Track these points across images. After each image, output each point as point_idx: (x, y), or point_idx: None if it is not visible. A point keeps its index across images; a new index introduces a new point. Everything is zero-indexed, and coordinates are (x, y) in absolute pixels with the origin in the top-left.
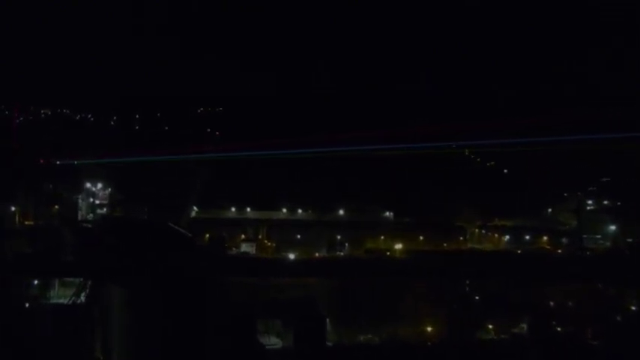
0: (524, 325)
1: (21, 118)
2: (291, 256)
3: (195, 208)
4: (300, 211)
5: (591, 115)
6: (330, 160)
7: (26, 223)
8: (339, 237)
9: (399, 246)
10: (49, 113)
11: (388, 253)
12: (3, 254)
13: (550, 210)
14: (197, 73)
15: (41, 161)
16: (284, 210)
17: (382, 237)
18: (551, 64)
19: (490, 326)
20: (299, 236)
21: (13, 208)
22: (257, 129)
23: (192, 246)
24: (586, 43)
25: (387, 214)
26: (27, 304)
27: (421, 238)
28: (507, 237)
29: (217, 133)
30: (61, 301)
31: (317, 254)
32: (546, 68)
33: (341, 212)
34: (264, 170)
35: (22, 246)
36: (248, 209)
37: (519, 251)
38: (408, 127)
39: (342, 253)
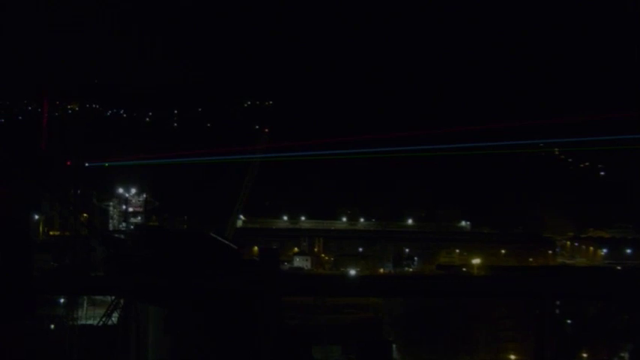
0: (626, 355)
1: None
2: (352, 272)
3: (241, 216)
4: (362, 220)
5: None
6: (397, 161)
7: (51, 233)
8: (407, 250)
9: (476, 261)
10: (77, 109)
11: (464, 269)
12: (27, 269)
13: None
14: (243, 60)
15: (68, 163)
16: (344, 219)
17: (457, 250)
18: None
19: (585, 355)
20: (361, 249)
21: (36, 217)
22: (313, 125)
23: (238, 260)
24: None
25: (463, 223)
26: (52, 326)
27: (503, 251)
28: (605, 250)
29: (266, 130)
30: (91, 322)
31: (381, 270)
32: None
33: (409, 221)
34: (321, 173)
35: (47, 260)
36: (302, 218)
37: (619, 267)
38: (486, 123)
39: (410, 269)
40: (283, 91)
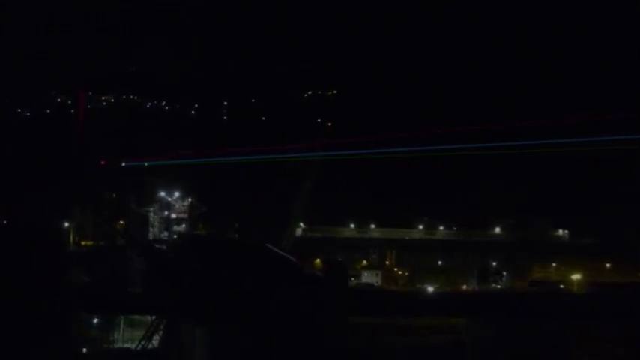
0: None
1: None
2: (430, 289)
3: (301, 223)
4: (441, 228)
5: None
6: (481, 161)
7: (83, 243)
8: (494, 263)
9: (576, 276)
10: (112, 100)
11: (562, 286)
12: (57, 284)
13: None
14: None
15: (102, 163)
16: (420, 227)
17: (553, 264)
18: None
19: None
20: (440, 262)
21: (66, 225)
22: (384, 118)
23: (298, 274)
24: None
25: (560, 232)
26: (84, 349)
27: (607, 265)
28: None
29: (329, 124)
30: (128, 345)
31: (464, 286)
32: None
33: (497, 230)
34: (394, 174)
35: (78, 274)
36: (372, 226)
37: None
38: (588, 114)
39: (498, 285)
40: (349, 78)
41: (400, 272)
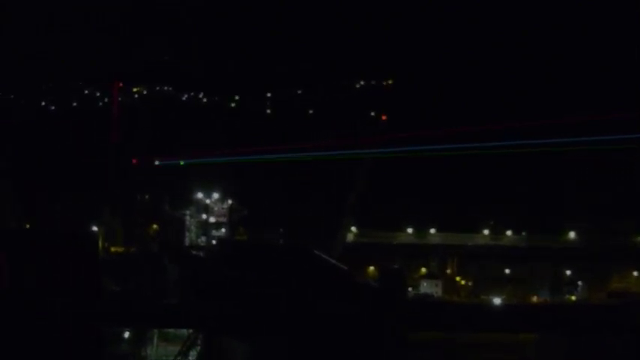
0: None
1: (105, 100)
2: (496, 301)
3: (352, 228)
4: (508, 233)
5: None
6: (556, 158)
7: (112, 249)
8: (568, 272)
9: None
10: (145, 92)
11: None
12: (92, 296)
13: None
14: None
15: (133, 161)
16: (485, 232)
17: (635, 273)
18: None
19: None
20: (507, 271)
21: (95, 229)
22: (446, 111)
23: (349, 284)
24: None
25: None
26: None
27: None
28: None
29: (384, 117)
30: None
31: (535, 298)
32: None
33: (571, 235)
34: (457, 172)
35: (107, 283)
36: (431, 231)
37: None
38: None
39: (573, 297)
40: (407, 66)
41: (463, 282)
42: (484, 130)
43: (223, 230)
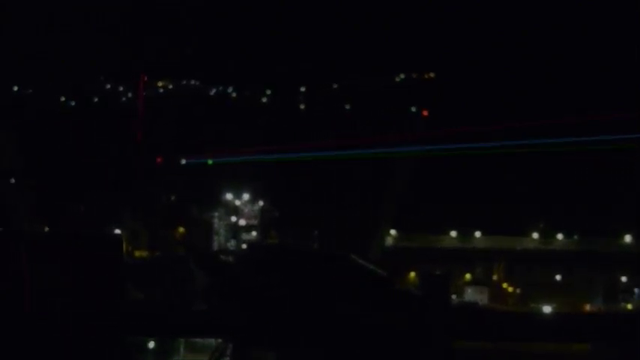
0: None
1: (129, 95)
2: (547, 309)
3: (392, 231)
4: (559, 236)
5: None
6: (610, 155)
7: (136, 254)
8: (623, 279)
9: None
10: (170, 87)
11: None
12: (116, 304)
13: None
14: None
15: (158, 160)
16: (534, 235)
17: None
18: None
19: None
20: (558, 277)
21: (117, 232)
22: (492, 106)
23: (389, 291)
24: None
25: None
26: None
27: None
28: None
29: (425, 113)
30: None
31: (587, 306)
32: None
33: (627, 238)
34: (504, 171)
35: (131, 289)
36: (477, 234)
37: None
38: None
39: (629, 305)
40: (451, 59)
41: (510, 289)
42: (534, 126)
43: (254, 233)
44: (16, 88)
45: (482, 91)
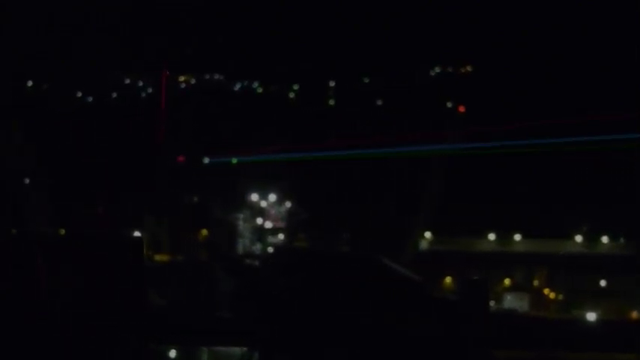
0: None
1: (149, 90)
2: (591, 317)
3: (426, 234)
4: (604, 239)
5: None
6: None
7: (157, 258)
8: None
9: None
10: (193, 82)
11: None
12: (139, 311)
13: None
14: (428, 10)
15: (180, 159)
16: (578, 238)
17: None
18: None
19: None
20: (603, 282)
21: (138, 235)
22: (528, 102)
23: (423, 297)
24: None
25: None
26: None
27: None
28: None
29: (461, 109)
30: None
31: (635, 313)
32: None
33: None
34: (546, 171)
35: (151, 295)
36: (516, 237)
37: None
38: None
39: None
40: (489, 50)
41: (552, 295)
42: (580, 122)
43: (281, 236)
44: (30, 84)
45: (524, 85)
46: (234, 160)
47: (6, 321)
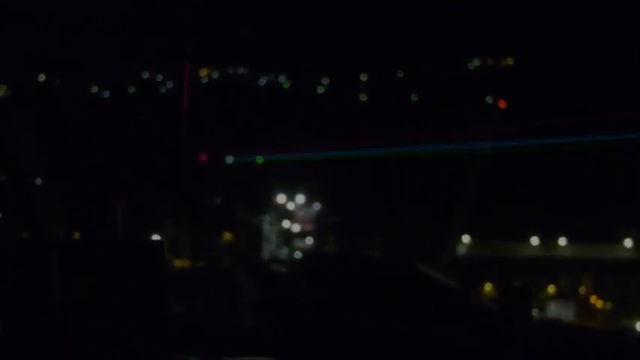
0: None
1: (169, 85)
2: None
3: (464, 237)
4: None
5: None
6: None
7: (177, 263)
8: None
9: None
10: (216, 76)
11: None
12: (163, 321)
13: None
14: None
15: (202, 158)
16: (627, 243)
17: None
18: None
19: None
20: None
21: (157, 238)
22: (573, 96)
23: (463, 306)
24: None
25: None
26: None
27: None
28: None
29: (501, 104)
30: None
31: None
32: None
33: None
34: (590, 170)
35: (171, 302)
36: (562, 241)
37: None
38: None
39: None
40: (531, 41)
41: (599, 304)
42: (629, 118)
43: (309, 240)
44: (42, 78)
45: (569, 79)
46: (260, 159)
47: (18, 330)
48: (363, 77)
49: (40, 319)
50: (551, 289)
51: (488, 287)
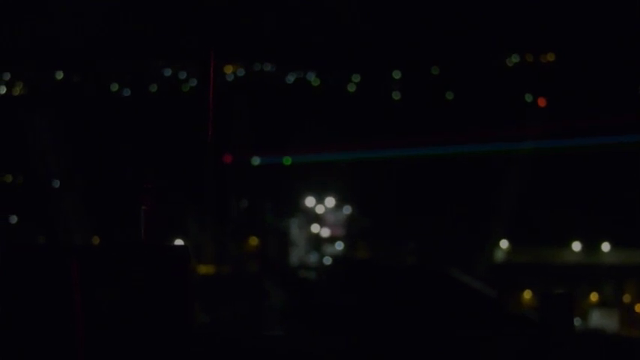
0: None
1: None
2: None
3: (502, 243)
4: None
5: None
6: None
7: (201, 269)
8: None
9: None
10: (242, 73)
11: None
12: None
13: None
14: None
15: (227, 160)
16: None
17: None
18: None
19: None
20: None
21: (180, 243)
22: (615, 95)
23: (499, 314)
24: None
25: None
26: None
27: None
28: None
29: (541, 102)
30: None
31: None
32: None
33: None
34: (635, 171)
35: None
36: (605, 247)
37: None
38: None
39: None
40: (574, 37)
41: None
42: None
43: (340, 246)
44: (61, 76)
45: (611, 76)
46: (288, 160)
47: (40, 342)
48: (396, 74)
49: (61, 329)
50: (593, 297)
51: (527, 295)
